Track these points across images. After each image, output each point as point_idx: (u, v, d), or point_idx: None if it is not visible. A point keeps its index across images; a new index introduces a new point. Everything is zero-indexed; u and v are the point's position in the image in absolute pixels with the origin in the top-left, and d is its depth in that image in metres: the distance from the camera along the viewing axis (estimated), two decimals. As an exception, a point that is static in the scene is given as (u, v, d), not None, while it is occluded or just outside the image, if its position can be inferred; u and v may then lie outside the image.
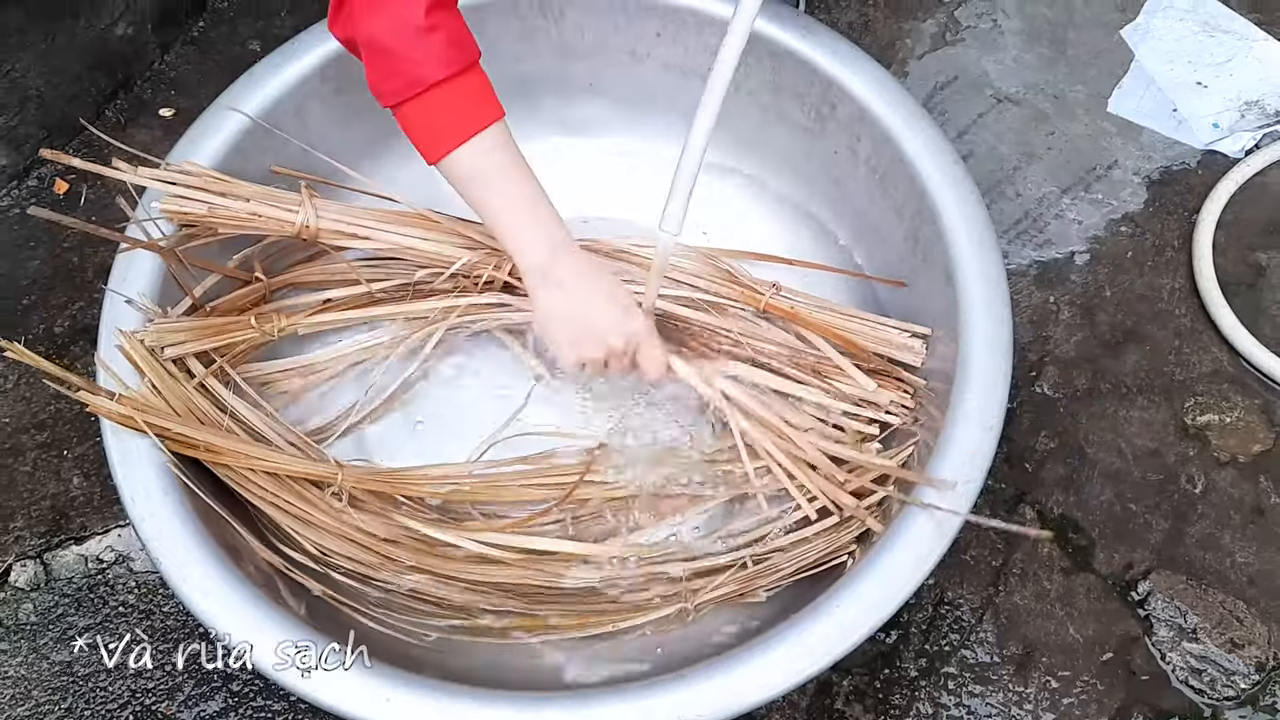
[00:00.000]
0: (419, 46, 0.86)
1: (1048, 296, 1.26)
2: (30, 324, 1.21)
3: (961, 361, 0.96)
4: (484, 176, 0.92)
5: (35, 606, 1.07)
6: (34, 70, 1.27)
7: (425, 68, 0.86)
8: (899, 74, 1.41)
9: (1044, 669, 1.05)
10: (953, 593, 1.09)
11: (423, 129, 0.90)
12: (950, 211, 1.04)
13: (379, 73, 0.88)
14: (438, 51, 0.86)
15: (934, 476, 0.91)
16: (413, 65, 0.86)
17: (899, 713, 1.03)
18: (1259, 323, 1.23)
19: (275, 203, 1.01)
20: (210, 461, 0.92)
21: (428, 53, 0.86)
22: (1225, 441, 1.17)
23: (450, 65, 0.87)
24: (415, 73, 0.86)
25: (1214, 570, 1.10)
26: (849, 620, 0.85)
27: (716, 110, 0.87)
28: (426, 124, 0.90)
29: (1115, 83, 1.42)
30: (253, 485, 0.93)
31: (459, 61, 0.88)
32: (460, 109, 0.89)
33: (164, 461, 0.91)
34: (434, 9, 0.86)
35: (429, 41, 0.86)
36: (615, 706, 0.82)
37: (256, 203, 1.00)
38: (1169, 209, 1.32)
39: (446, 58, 0.87)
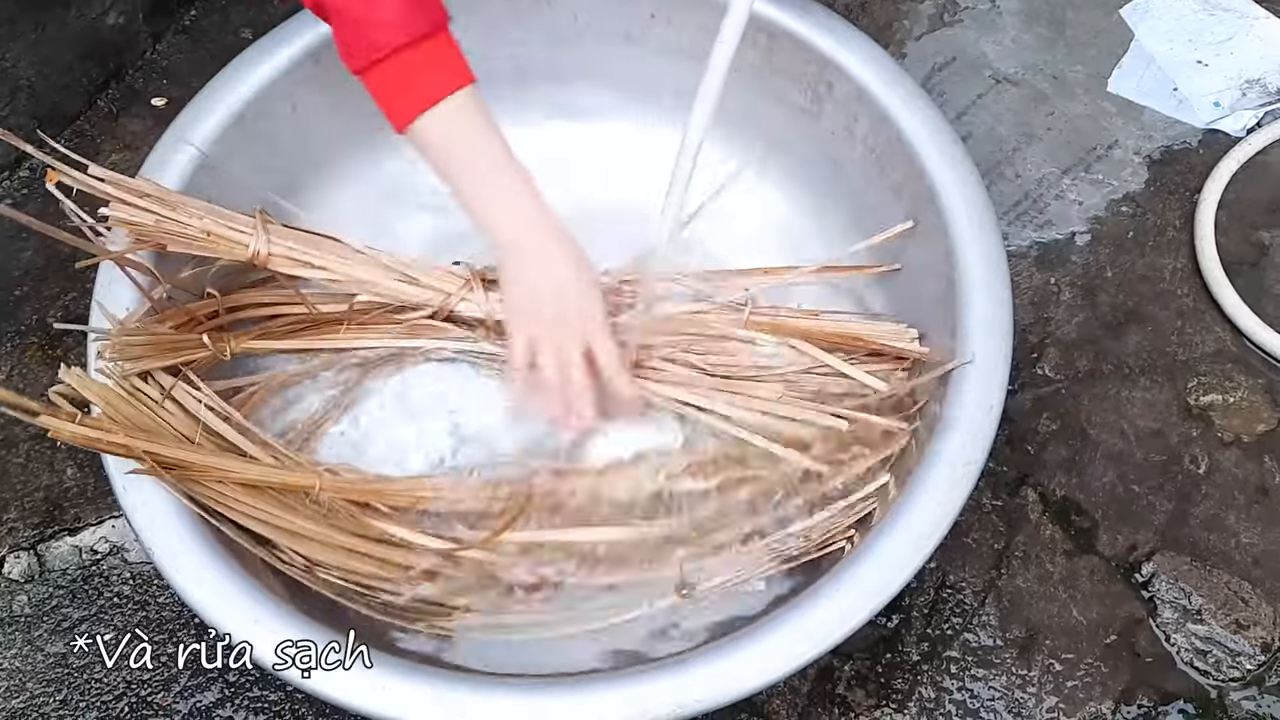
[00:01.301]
0: (380, 9, 0.85)
1: (1048, 278, 1.25)
2: (23, 315, 1.20)
3: (961, 343, 0.95)
4: (450, 144, 0.91)
5: (29, 598, 1.06)
6: (24, 60, 1.26)
7: (387, 32, 0.85)
8: (897, 55, 1.40)
9: (1047, 652, 1.04)
10: (954, 576, 1.08)
11: (387, 95, 0.89)
12: (949, 192, 1.02)
13: (344, 38, 0.87)
14: (399, 15, 0.85)
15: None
16: (374, 29, 0.85)
17: (901, 697, 1.02)
18: (1262, 302, 1.22)
19: (229, 224, 0.98)
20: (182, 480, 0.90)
21: (388, 15, 0.85)
22: (1229, 421, 1.16)
23: (413, 29, 0.86)
24: (377, 37, 0.85)
25: (1218, 551, 1.09)
26: (848, 604, 0.84)
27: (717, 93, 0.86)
28: (390, 90, 0.88)
29: (1115, 62, 1.40)
30: (230, 500, 0.91)
31: (423, 25, 0.86)
32: (424, 74, 0.88)
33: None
34: None
35: (390, 4, 0.85)
36: (613, 693, 0.81)
37: (210, 221, 0.97)
38: (1170, 189, 1.31)
39: (409, 21, 0.86)
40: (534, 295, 0.95)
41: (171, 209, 0.96)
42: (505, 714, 0.80)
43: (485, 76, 1.20)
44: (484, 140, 0.92)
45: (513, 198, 0.93)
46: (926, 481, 0.89)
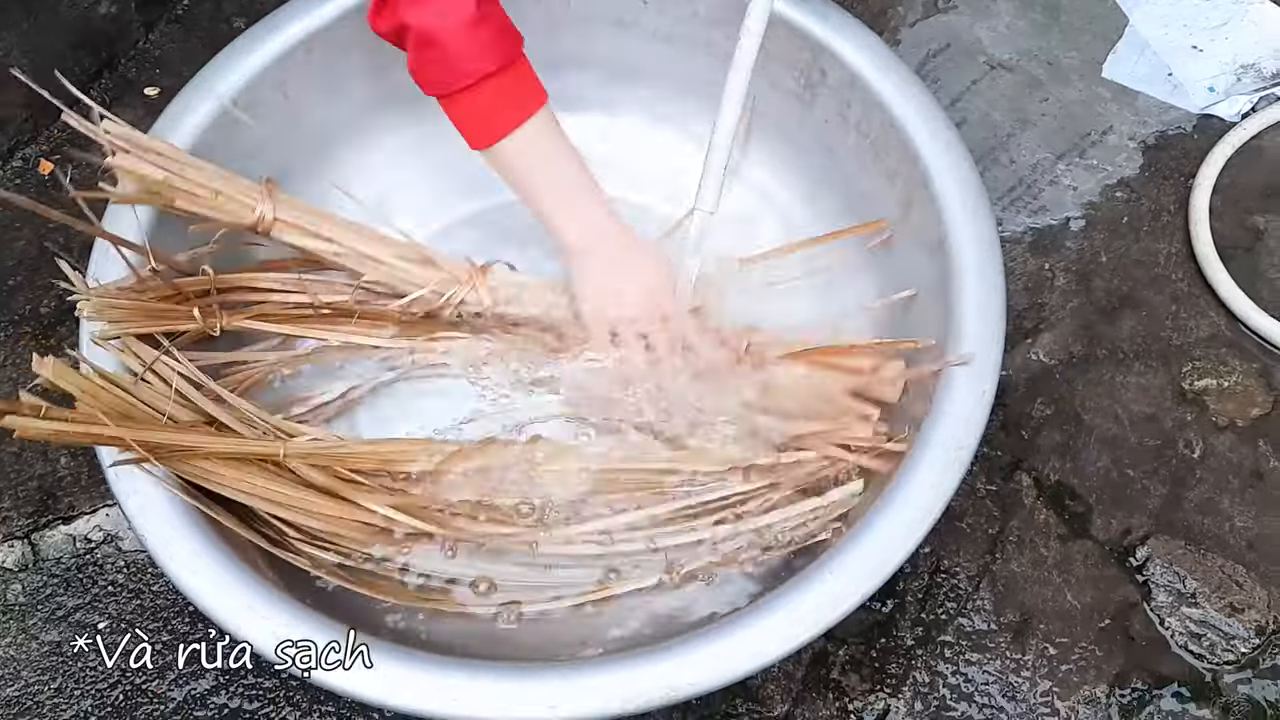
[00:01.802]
0: (471, 39, 0.86)
1: (1043, 263, 1.25)
2: (16, 305, 1.20)
3: (954, 327, 0.95)
4: (528, 162, 0.94)
5: (24, 587, 1.06)
6: (16, 50, 1.26)
7: (477, 61, 0.87)
8: (891, 42, 1.39)
9: (1042, 636, 1.04)
10: (949, 561, 1.08)
11: (471, 119, 0.92)
12: (943, 178, 1.02)
13: (425, 63, 0.88)
14: (488, 43, 0.87)
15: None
16: (464, 58, 0.87)
17: (895, 682, 1.02)
18: (1257, 286, 1.21)
19: (237, 188, 0.98)
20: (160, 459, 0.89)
21: (480, 45, 0.87)
22: (1223, 406, 1.16)
23: (501, 57, 0.88)
24: (467, 66, 0.87)
25: (1213, 535, 1.09)
26: (842, 587, 0.84)
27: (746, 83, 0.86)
28: (475, 114, 0.91)
29: (1109, 48, 1.40)
30: (210, 474, 0.91)
31: (508, 53, 0.89)
32: (508, 99, 0.91)
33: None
34: (482, 2, 0.86)
35: (479, 33, 0.87)
36: (605, 677, 0.81)
37: (219, 181, 0.97)
38: (1165, 174, 1.31)
39: (497, 50, 0.88)
40: (614, 293, 0.99)
41: (181, 166, 0.97)
42: (497, 698, 0.80)
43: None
44: (560, 156, 0.96)
45: (590, 205, 0.98)
46: (920, 465, 0.89)
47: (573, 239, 0.98)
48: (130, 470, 0.89)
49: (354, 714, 1.00)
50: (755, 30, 0.86)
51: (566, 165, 0.97)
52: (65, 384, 0.88)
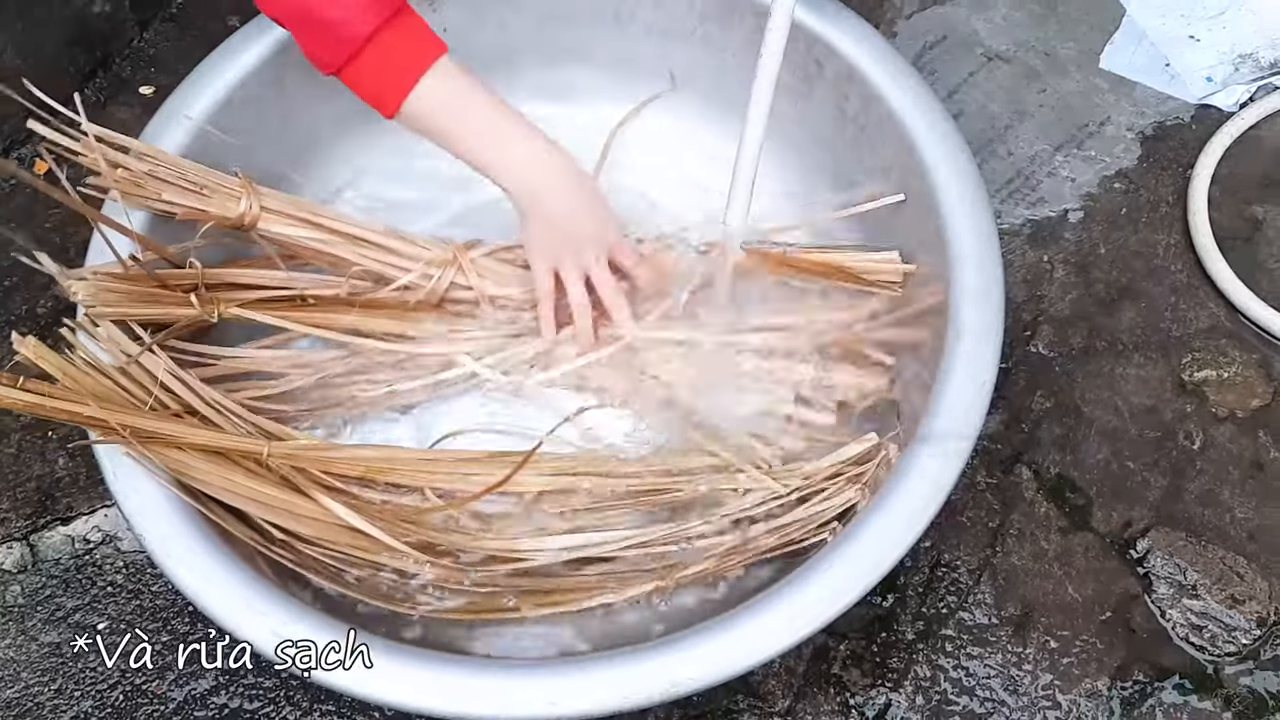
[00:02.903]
0: (338, 6, 0.85)
1: (1041, 255, 1.24)
2: (13, 305, 1.20)
3: (953, 319, 0.95)
4: (445, 113, 0.92)
5: (23, 588, 1.06)
6: (11, 48, 1.25)
7: (351, 25, 0.85)
8: (887, 34, 1.39)
9: (1043, 629, 1.04)
10: (949, 554, 1.07)
11: (369, 87, 0.89)
12: (940, 170, 1.02)
13: (309, 42, 0.87)
14: (357, 6, 0.85)
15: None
16: (340, 25, 0.85)
17: (897, 676, 1.02)
18: (1256, 276, 1.21)
19: (220, 182, 0.99)
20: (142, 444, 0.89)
21: (347, 9, 0.85)
22: (1223, 397, 1.16)
23: (376, 15, 0.86)
24: (344, 31, 0.85)
25: (1213, 526, 1.09)
26: (842, 581, 0.84)
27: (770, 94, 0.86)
28: (370, 81, 0.89)
29: (1107, 38, 1.40)
30: (195, 470, 0.90)
31: (384, 9, 0.86)
32: (399, 56, 0.89)
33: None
34: None
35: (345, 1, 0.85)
36: (605, 673, 0.81)
37: (201, 177, 0.98)
38: (1163, 164, 1.30)
39: (369, 9, 0.86)
40: (549, 224, 0.98)
41: (165, 165, 0.98)
42: (497, 695, 0.80)
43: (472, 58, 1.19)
44: (475, 100, 0.93)
45: (522, 142, 0.95)
46: (919, 458, 0.89)
47: (509, 181, 0.96)
48: (129, 470, 0.89)
49: (354, 713, 0.99)
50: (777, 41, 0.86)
51: (483, 107, 0.93)
52: (45, 364, 0.88)
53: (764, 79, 0.88)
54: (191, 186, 0.98)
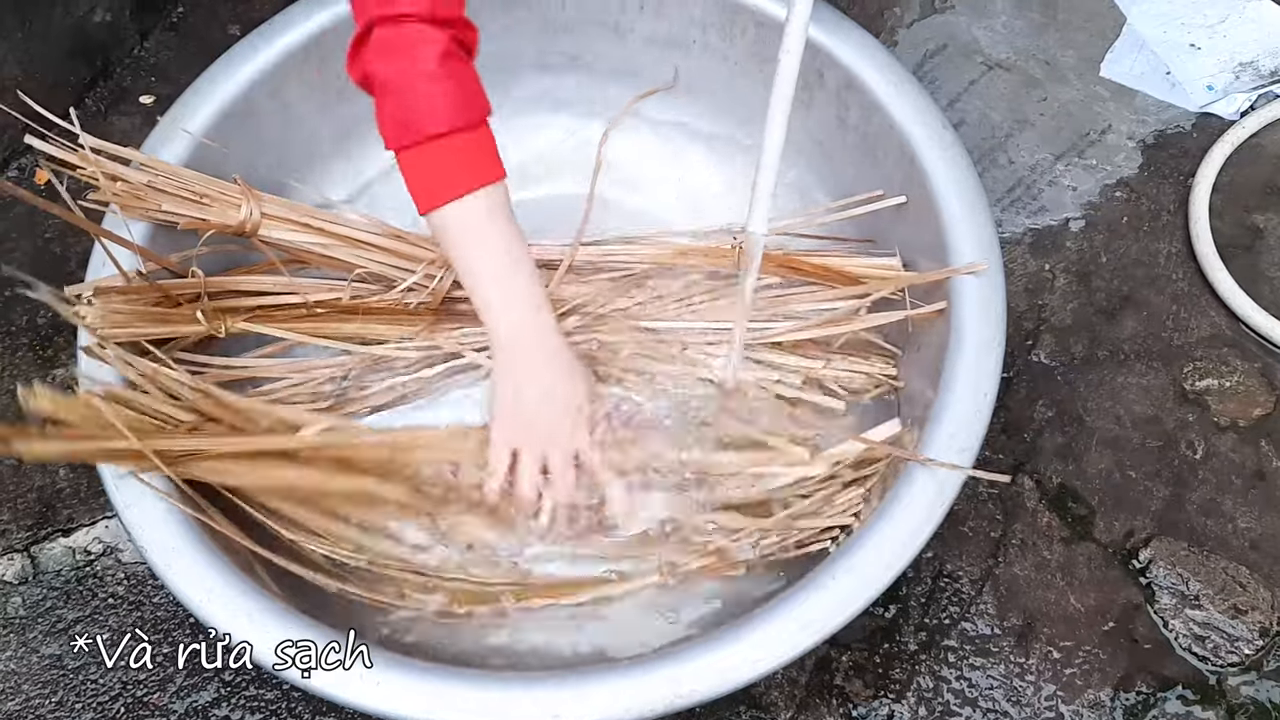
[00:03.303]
0: (424, 95, 0.84)
1: (1043, 264, 1.24)
2: (13, 317, 1.20)
3: (954, 328, 0.95)
4: (467, 238, 0.89)
5: (24, 600, 1.05)
6: (11, 59, 1.25)
7: (427, 119, 0.84)
8: (888, 42, 1.39)
9: (1045, 640, 1.04)
10: (952, 565, 1.07)
11: (416, 178, 0.87)
12: (940, 178, 1.02)
13: (384, 114, 0.86)
14: (442, 103, 0.84)
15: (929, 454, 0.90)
16: (415, 114, 0.84)
17: (899, 687, 1.02)
18: (1257, 285, 1.21)
19: (219, 190, 0.99)
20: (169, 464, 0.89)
21: (432, 103, 0.84)
22: (1225, 406, 1.16)
23: (453, 120, 0.85)
24: (416, 122, 0.84)
25: (1215, 536, 1.09)
26: (845, 593, 0.84)
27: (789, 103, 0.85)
28: (421, 174, 0.87)
29: (1107, 46, 1.40)
30: (228, 472, 0.91)
31: (464, 118, 0.86)
32: (456, 166, 0.87)
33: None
34: (447, 58, 0.84)
35: (434, 92, 0.84)
36: (608, 684, 0.81)
37: (200, 185, 0.98)
38: (1164, 173, 1.30)
39: (450, 111, 0.85)
40: (527, 408, 0.94)
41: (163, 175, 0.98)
42: (500, 706, 0.80)
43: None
44: (503, 241, 0.90)
45: (518, 304, 0.92)
46: (921, 469, 0.89)
47: (495, 333, 0.93)
48: (130, 482, 0.89)
49: (356, 725, 1.00)
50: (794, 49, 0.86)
51: (504, 253, 0.90)
52: (68, 413, 0.87)
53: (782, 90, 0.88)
54: (192, 196, 0.98)
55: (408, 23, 0.83)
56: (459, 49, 0.86)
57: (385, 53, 0.84)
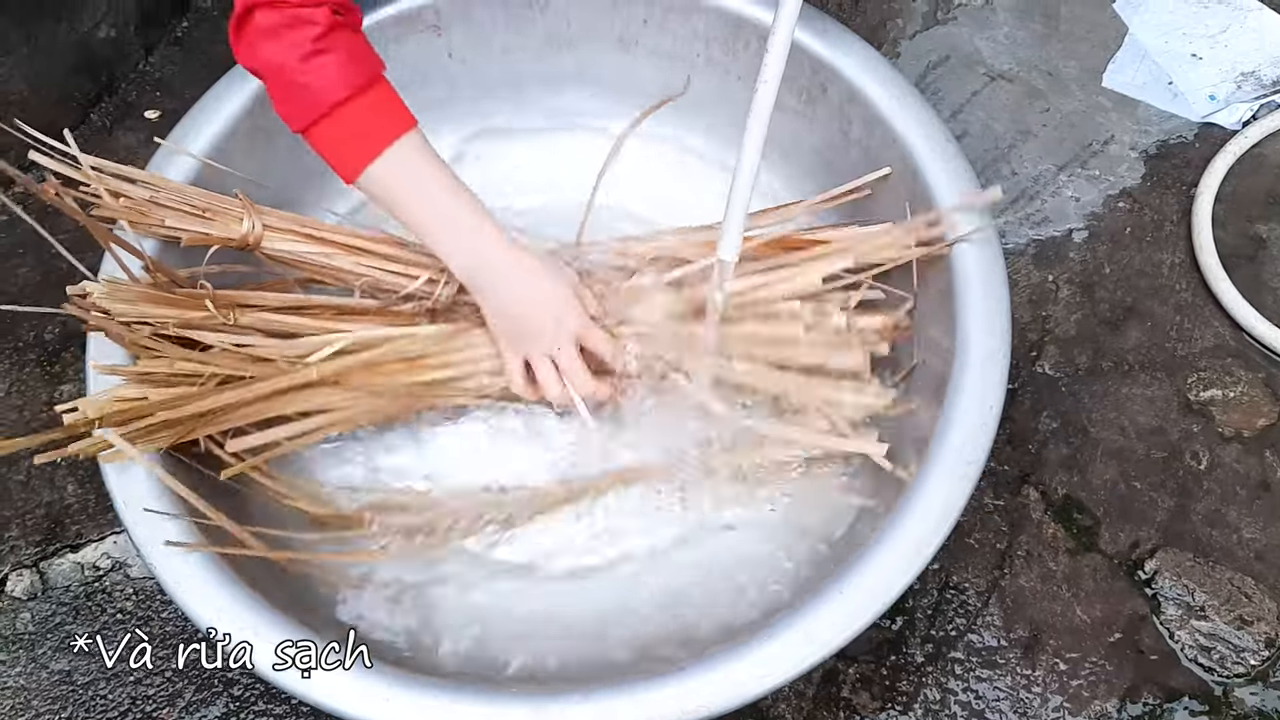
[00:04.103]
0: (312, 70, 0.85)
1: (1046, 275, 1.25)
2: (20, 332, 1.20)
3: (959, 340, 0.95)
4: (401, 189, 0.91)
5: (33, 616, 1.06)
6: (16, 75, 1.26)
7: (323, 91, 0.85)
8: (890, 54, 1.40)
9: (1051, 651, 1.04)
10: (958, 577, 1.07)
11: (332, 151, 0.89)
12: (943, 191, 1.02)
13: (280, 99, 0.88)
14: (333, 72, 0.85)
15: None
16: (310, 91, 0.85)
17: (906, 699, 1.02)
18: (1261, 295, 1.21)
19: (221, 204, 0.99)
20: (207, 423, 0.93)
21: (321, 75, 0.85)
22: (1229, 416, 1.16)
23: (349, 84, 0.86)
24: (314, 96, 0.86)
25: (1221, 547, 1.09)
26: (852, 606, 0.84)
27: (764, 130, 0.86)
28: (334, 145, 0.89)
29: (1109, 57, 1.40)
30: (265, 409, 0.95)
31: (358, 78, 0.87)
32: (366, 126, 0.88)
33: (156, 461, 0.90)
34: (326, 34, 0.85)
35: (322, 63, 0.85)
36: (616, 699, 0.81)
37: (202, 200, 0.99)
38: (1167, 183, 1.31)
39: (343, 77, 0.86)
40: (514, 320, 0.98)
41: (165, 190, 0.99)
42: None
43: (478, 83, 1.21)
44: (436, 182, 0.93)
45: (470, 233, 0.94)
46: (927, 482, 0.89)
47: (456, 268, 0.96)
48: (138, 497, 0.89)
49: (364, 739, 0.99)
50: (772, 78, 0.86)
51: (439, 191, 0.93)
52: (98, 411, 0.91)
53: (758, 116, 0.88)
54: (195, 211, 0.98)
55: (285, 6, 0.84)
56: (339, 22, 0.87)
57: (267, 36, 0.85)
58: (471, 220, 0.94)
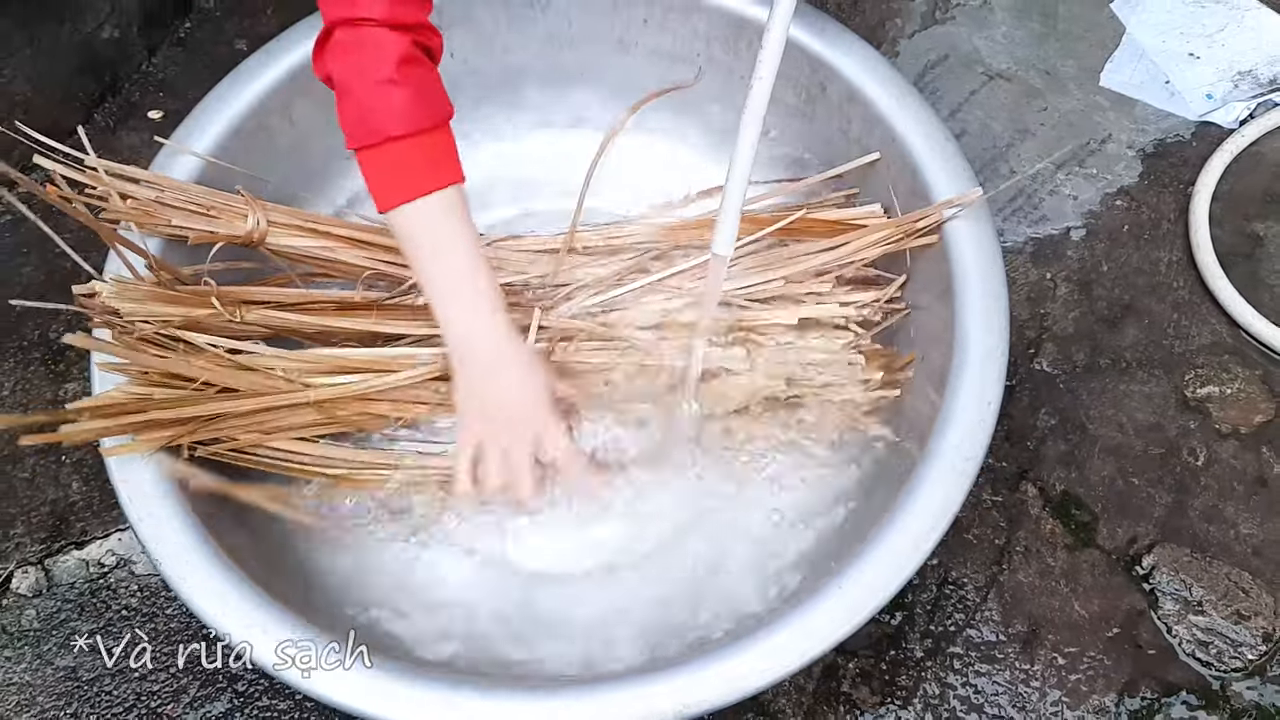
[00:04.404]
0: (382, 98, 0.85)
1: (1044, 273, 1.25)
2: (25, 331, 1.21)
3: (958, 337, 0.96)
4: (424, 240, 0.91)
5: (38, 612, 1.06)
6: (20, 76, 1.27)
7: (385, 121, 0.86)
8: (889, 53, 1.40)
9: (1050, 646, 1.05)
10: (957, 572, 1.08)
11: (375, 179, 0.89)
12: (941, 190, 1.03)
13: (344, 114, 0.88)
14: (400, 106, 0.85)
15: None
16: (374, 115, 0.86)
17: (906, 694, 1.03)
18: (1257, 293, 1.22)
19: (225, 201, 1.00)
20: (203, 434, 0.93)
21: (390, 106, 0.85)
22: (1226, 413, 1.16)
23: (411, 123, 0.86)
24: (374, 123, 0.86)
25: (1218, 542, 1.10)
26: (851, 601, 0.85)
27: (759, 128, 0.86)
28: (379, 174, 0.89)
29: (1107, 56, 1.41)
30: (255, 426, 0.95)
31: (422, 120, 0.87)
32: (414, 167, 0.88)
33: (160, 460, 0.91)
34: (405, 64, 0.85)
35: (392, 95, 0.85)
36: (616, 694, 0.82)
37: (207, 199, 1.00)
38: (1164, 182, 1.31)
39: (408, 114, 0.86)
40: (482, 404, 0.96)
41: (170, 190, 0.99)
42: (508, 715, 0.81)
43: (478, 83, 1.21)
44: (459, 244, 0.92)
45: (472, 308, 0.93)
46: (926, 478, 0.90)
47: (447, 336, 0.95)
48: (144, 494, 0.90)
49: (368, 734, 1.00)
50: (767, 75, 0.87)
51: (457, 256, 0.92)
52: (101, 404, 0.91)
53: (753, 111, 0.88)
54: (200, 209, 0.99)
55: (365, 26, 0.84)
56: (419, 53, 0.87)
57: (344, 54, 0.86)
58: (479, 295, 0.93)
